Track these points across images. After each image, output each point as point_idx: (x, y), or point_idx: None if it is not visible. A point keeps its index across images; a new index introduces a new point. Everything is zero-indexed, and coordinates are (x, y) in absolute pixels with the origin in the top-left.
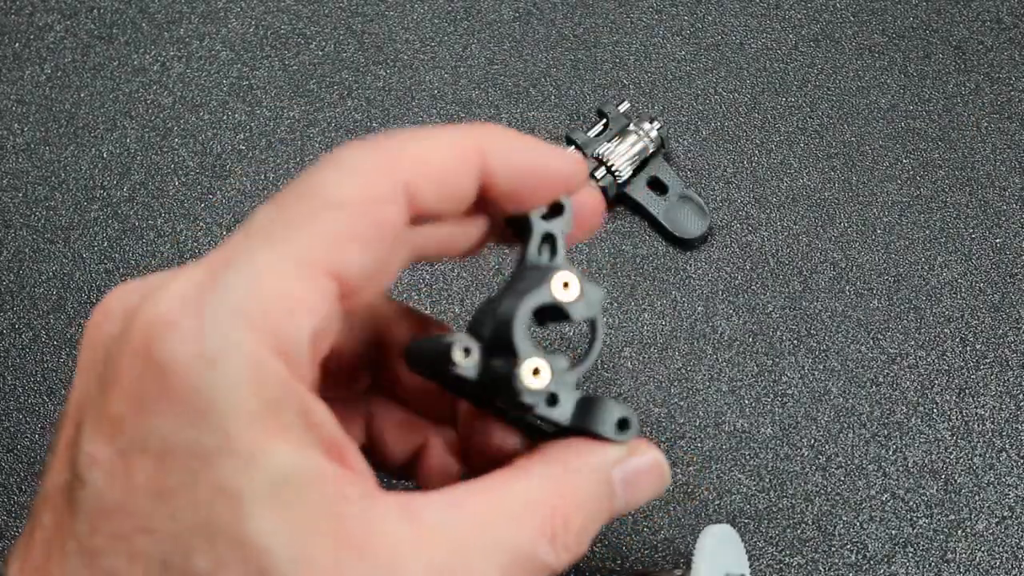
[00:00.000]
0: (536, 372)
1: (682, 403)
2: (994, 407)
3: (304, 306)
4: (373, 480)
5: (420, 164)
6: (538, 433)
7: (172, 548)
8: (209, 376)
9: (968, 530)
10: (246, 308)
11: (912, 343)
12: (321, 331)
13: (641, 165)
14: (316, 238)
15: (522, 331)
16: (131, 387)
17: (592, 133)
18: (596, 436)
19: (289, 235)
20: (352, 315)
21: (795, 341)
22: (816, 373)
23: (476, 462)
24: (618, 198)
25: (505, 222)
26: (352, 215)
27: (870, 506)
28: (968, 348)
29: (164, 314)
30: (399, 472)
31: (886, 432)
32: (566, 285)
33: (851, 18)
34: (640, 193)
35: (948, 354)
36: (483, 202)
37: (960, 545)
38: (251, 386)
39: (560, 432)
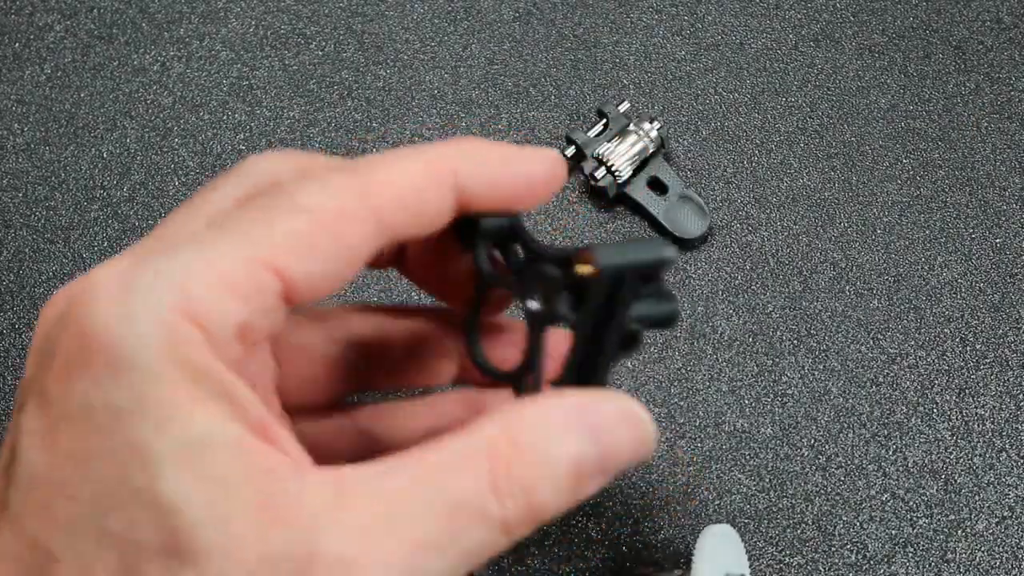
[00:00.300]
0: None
1: (682, 403)
2: (994, 407)
3: (236, 293)
4: (307, 460)
5: (390, 188)
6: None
7: (89, 511)
8: (126, 335)
9: (968, 530)
10: (174, 281)
11: (912, 343)
12: (250, 322)
13: (641, 165)
14: (270, 234)
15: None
16: (63, 359)
17: (592, 133)
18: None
19: (244, 227)
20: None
21: (795, 341)
22: (816, 373)
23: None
24: (618, 198)
25: (455, 224)
26: (314, 222)
27: (870, 506)
28: (968, 348)
29: (95, 282)
30: None
31: (886, 432)
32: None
33: (851, 18)
34: (640, 193)
35: (948, 354)
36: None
37: (960, 545)
38: (167, 350)
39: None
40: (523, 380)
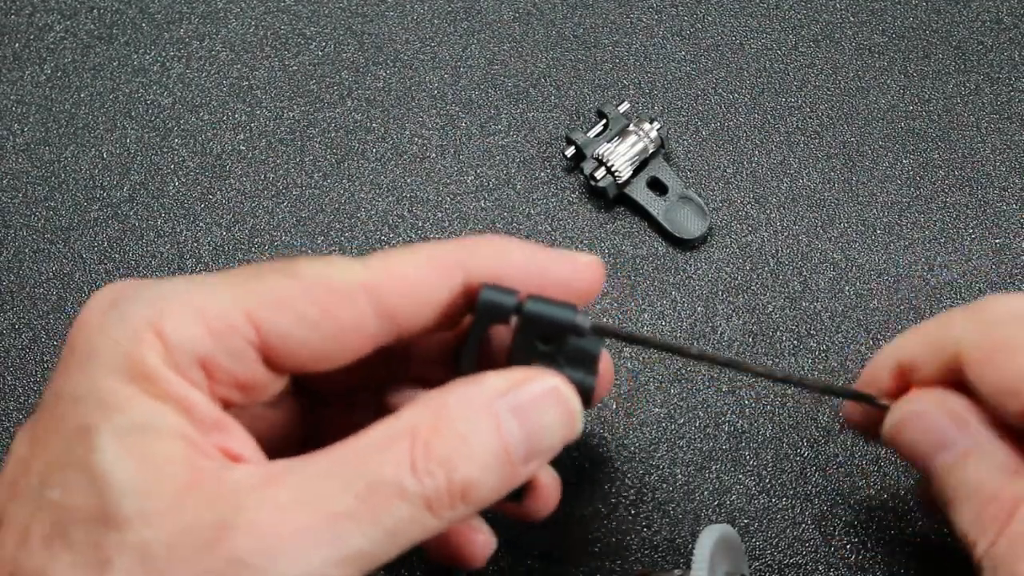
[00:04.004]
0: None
1: (682, 403)
2: None
3: (206, 325)
4: (258, 457)
5: (391, 273)
6: None
7: (38, 482)
8: (100, 337)
9: None
10: (155, 301)
11: None
12: (214, 356)
13: (641, 165)
14: (257, 288)
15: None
16: (60, 358)
17: (592, 133)
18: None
19: (240, 279)
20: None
21: (795, 341)
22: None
23: None
24: (618, 198)
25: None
26: (302, 287)
27: (870, 506)
28: None
29: (99, 293)
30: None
31: None
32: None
33: (851, 18)
34: (640, 193)
35: None
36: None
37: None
38: (127, 353)
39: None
40: (459, 363)
